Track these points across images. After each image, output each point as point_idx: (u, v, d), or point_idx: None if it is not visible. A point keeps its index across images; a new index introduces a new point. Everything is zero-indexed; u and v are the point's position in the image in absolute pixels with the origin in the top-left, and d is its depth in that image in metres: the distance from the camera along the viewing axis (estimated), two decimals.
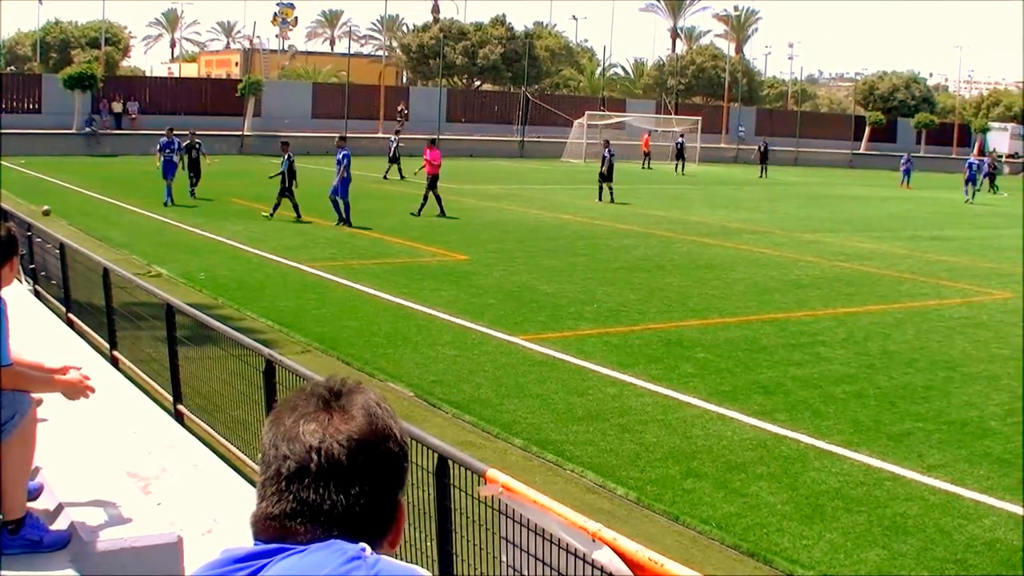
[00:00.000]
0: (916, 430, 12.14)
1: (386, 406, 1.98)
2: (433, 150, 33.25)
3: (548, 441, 11.28)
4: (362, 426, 1.91)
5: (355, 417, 1.92)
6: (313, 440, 1.87)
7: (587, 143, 70.17)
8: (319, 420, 1.90)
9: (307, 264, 22.12)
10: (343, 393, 1.96)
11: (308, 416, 1.91)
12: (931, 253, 28.99)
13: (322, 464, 1.86)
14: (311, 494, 1.87)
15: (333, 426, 1.89)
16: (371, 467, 1.90)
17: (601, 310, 18.51)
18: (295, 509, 1.87)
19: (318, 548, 1.82)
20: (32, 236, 16.83)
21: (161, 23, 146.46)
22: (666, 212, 37.75)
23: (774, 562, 8.52)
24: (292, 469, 1.87)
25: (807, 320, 18.46)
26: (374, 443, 1.92)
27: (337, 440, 1.88)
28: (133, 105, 65.01)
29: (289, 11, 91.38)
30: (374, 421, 1.93)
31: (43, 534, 5.66)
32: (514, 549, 5.55)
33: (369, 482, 1.90)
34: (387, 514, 1.95)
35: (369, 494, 1.90)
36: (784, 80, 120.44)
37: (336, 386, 1.98)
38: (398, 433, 1.97)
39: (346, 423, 1.91)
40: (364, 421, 1.92)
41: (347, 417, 1.92)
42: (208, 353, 10.64)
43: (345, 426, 1.90)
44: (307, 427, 1.89)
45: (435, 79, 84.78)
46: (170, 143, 34.55)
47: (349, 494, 1.87)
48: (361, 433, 1.90)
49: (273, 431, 1.93)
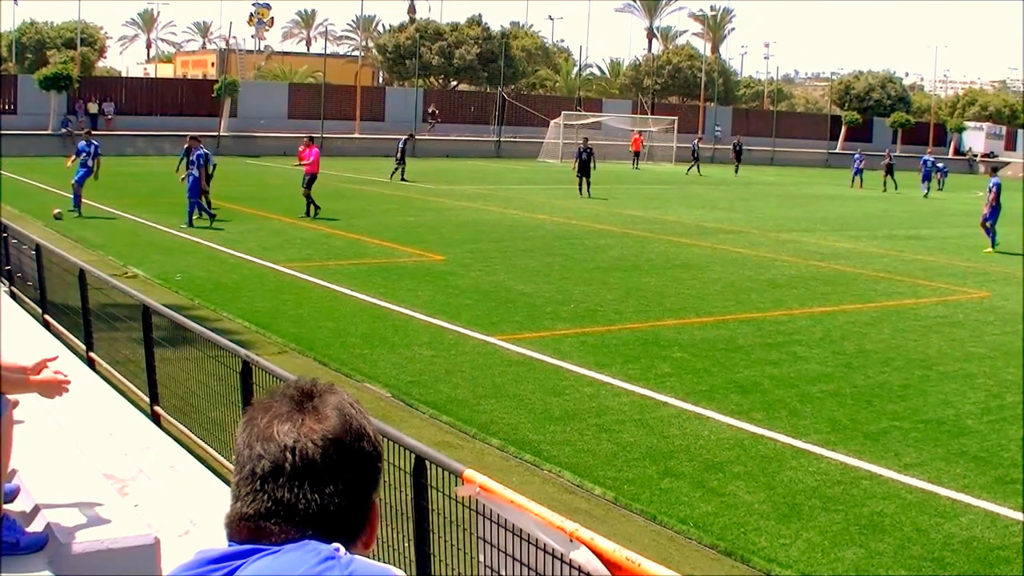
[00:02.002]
0: (893, 429, 12.19)
1: (359, 407, 1.99)
2: (311, 148, 32.26)
3: (525, 441, 11.28)
4: (336, 426, 1.92)
5: (329, 417, 1.93)
6: (288, 440, 1.88)
7: (563, 143, 70.25)
8: (293, 420, 1.91)
9: (283, 265, 22.07)
10: (316, 394, 1.97)
11: (282, 416, 1.92)
12: (907, 252, 29.10)
13: (296, 463, 1.87)
14: (285, 493, 1.87)
15: (307, 426, 1.90)
16: (345, 467, 1.91)
17: (578, 310, 18.52)
18: (270, 509, 1.87)
19: (292, 548, 1.82)
20: (8, 237, 16.76)
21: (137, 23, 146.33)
22: (643, 212, 37.79)
23: (751, 561, 8.54)
24: (267, 469, 1.88)
25: (784, 319, 18.51)
26: (348, 443, 1.93)
27: (311, 440, 1.89)
28: (109, 106, 64.82)
29: (265, 11, 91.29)
30: (348, 421, 1.94)
31: (20, 536, 5.64)
32: (491, 549, 5.55)
33: (343, 482, 1.90)
34: (361, 514, 1.95)
35: (343, 494, 1.90)
36: (760, 80, 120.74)
37: (308, 387, 1.99)
38: (371, 433, 1.98)
39: (320, 423, 1.91)
40: (338, 421, 1.93)
41: (321, 417, 1.92)
42: (185, 354, 10.61)
43: (319, 426, 1.90)
44: (281, 427, 1.90)
45: (411, 79, 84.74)
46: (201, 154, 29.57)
47: (323, 493, 1.88)
48: (335, 433, 1.91)
49: (247, 431, 1.94)
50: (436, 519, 6.10)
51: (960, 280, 24.24)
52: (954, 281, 24.04)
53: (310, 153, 32.04)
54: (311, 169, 31.55)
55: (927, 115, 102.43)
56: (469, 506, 5.75)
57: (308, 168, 31.64)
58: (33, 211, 29.27)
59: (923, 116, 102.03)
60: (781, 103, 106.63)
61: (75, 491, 6.37)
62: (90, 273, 13.22)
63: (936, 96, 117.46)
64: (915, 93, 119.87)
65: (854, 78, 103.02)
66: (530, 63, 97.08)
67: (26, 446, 6.38)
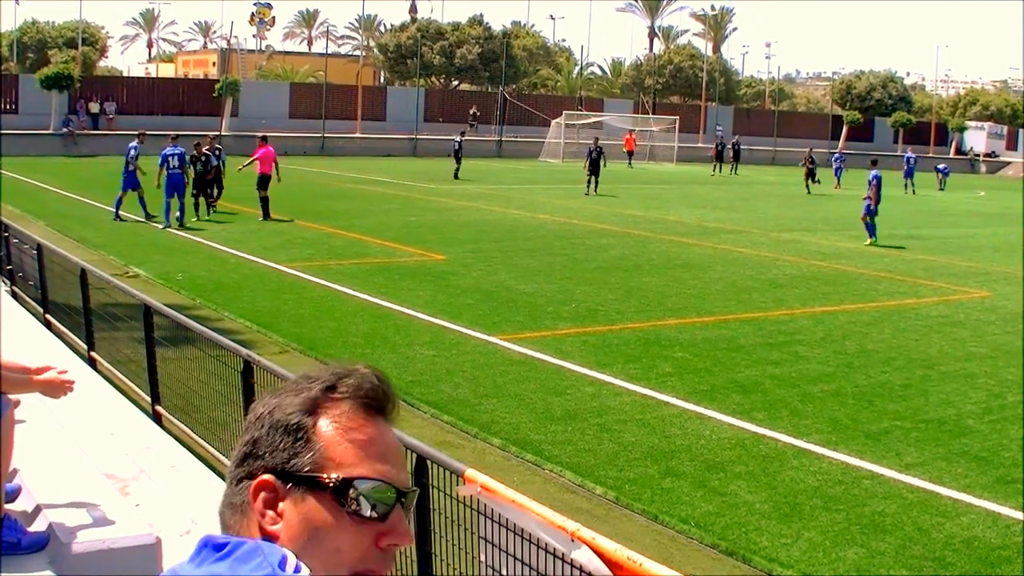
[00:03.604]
0: (894, 428, 12.19)
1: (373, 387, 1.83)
2: (266, 147, 31.11)
3: (526, 441, 11.28)
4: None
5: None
6: (263, 408, 1.81)
7: (565, 143, 70.24)
8: (278, 394, 1.82)
9: (285, 265, 22.07)
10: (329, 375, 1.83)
11: (275, 392, 1.84)
12: (908, 252, 29.10)
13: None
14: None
15: (289, 396, 1.80)
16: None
17: (579, 310, 18.52)
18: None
19: (241, 556, 1.68)
20: (9, 237, 16.76)
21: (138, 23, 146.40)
22: (644, 212, 37.77)
23: (753, 561, 8.54)
24: (243, 445, 1.80)
25: (785, 319, 18.51)
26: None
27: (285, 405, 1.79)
28: (110, 105, 64.76)
29: (266, 11, 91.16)
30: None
31: (21, 536, 5.64)
32: (493, 549, 5.55)
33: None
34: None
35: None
36: (761, 79, 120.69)
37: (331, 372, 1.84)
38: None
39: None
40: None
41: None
42: (186, 354, 10.61)
43: (299, 397, 1.79)
44: (264, 399, 1.83)
45: (413, 79, 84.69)
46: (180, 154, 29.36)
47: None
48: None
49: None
50: (437, 519, 6.10)
51: (961, 280, 24.23)
52: (955, 281, 24.03)
53: (257, 152, 31.15)
54: (264, 169, 30.54)
55: (928, 115, 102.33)
56: (470, 506, 5.75)
57: (259, 168, 30.63)
58: (34, 211, 29.27)
59: (924, 116, 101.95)
60: (782, 103, 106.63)
61: (76, 491, 6.36)
62: (91, 273, 13.22)
63: (937, 96, 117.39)
64: (916, 93, 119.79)
65: (855, 78, 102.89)
66: (531, 63, 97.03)
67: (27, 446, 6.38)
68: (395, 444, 1.81)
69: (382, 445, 1.78)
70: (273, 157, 30.83)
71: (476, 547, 5.77)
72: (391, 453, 1.79)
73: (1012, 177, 75.38)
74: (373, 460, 1.74)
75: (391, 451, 1.79)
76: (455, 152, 50.79)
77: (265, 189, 30.22)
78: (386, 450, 1.78)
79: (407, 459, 6.19)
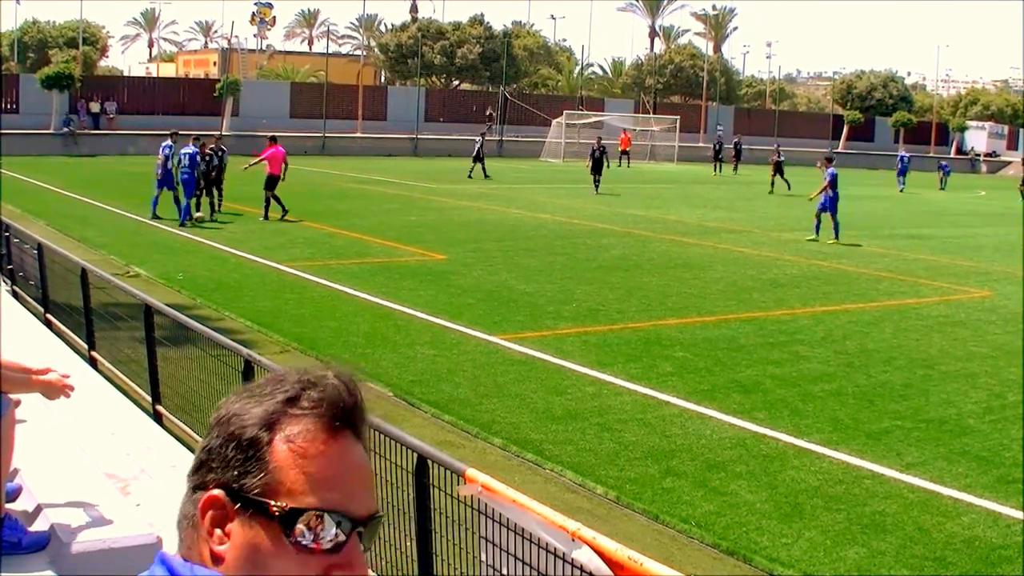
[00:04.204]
0: (895, 428, 12.18)
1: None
2: (275, 147, 31.14)
3: (527, 440, 11.28)
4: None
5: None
6: (225, 411, 1.69)
7: (565, 142, 70.23)
8: (243, 396, 1.70)
9: (286, 264, 22.07)
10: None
11: (242, 392, 1.72)
12: (909, 252, 29.08)
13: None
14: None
15: (251, 404, 1.68)
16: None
17: (580, 309, 18.52)
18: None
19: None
20: (10, 237, 16.76)
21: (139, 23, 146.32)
22: (645, 211, 37.76)
23: (754, 560, 8.54)
24: (201, 450, 1.72)
25: (785, 319, 18.50)
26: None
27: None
28: (111, 105, 64.73)
29: (267, 11, 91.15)
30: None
31: (22, 535, 5.64)
32: (494, 548, 5.55)
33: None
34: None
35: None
36: (762, 79, 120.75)
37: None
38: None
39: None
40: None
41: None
42: (187, 354, 10.60)
43: (260, 407, 1.67)
44: (230, 399, 1.72)
45: (413, 79, 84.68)
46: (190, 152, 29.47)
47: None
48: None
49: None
50: (438, 518, 6.10)
51: (962, 280, 24.22)
52: (956, 281, 24.02)
53: (265, 152, 31.18)
54: (273, 170, 30.53)
55: (929, 115, 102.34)
56: (471, 505, 5.75)
57: (269, 168, 30.62)
58: (35, 210, 29.27)
59: (925, 115, 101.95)
60: (783, 102, 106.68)
61: (77, 490, 6.36)
62: (92, 272, 13.21)
63: (938, 95, 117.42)
64: (917, 93, 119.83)
65: (856, 77, 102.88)
66: (532, 62, 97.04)
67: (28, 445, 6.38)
68: (358, 465, 1.66)
69: (342, 469, 1.63)
70: (283, 157, 30.98)
71: (477, 547, 5.77)
72: (351, 478, 1.64)
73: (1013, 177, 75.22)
74: (328, 488, 1.61)
75: (352, 475, 1.65)
76: (476, 153, 51.41)
77: (272, 189, 30.24)
78: (346, 475, 1.63)
79: (409, 458, 6.20)
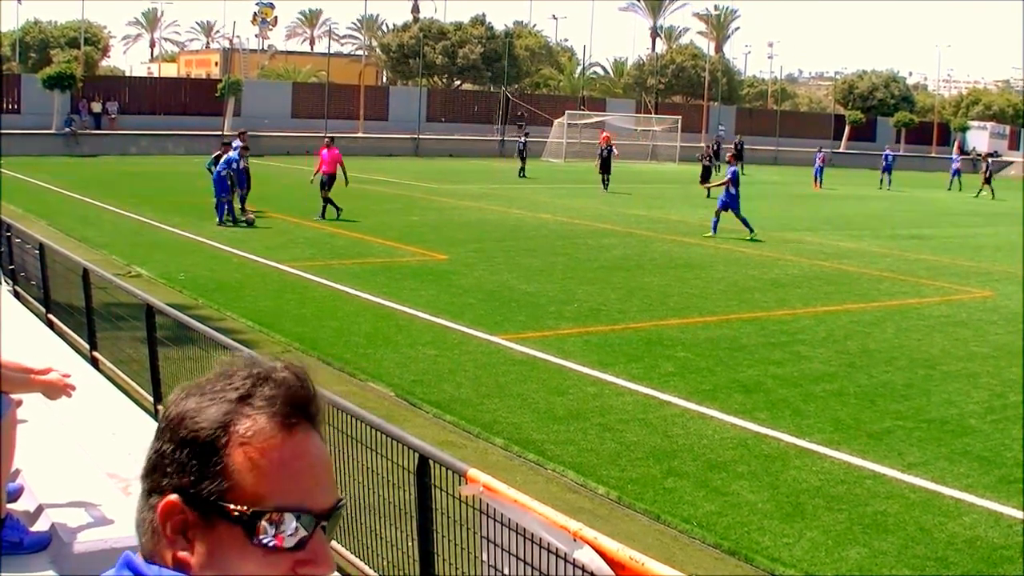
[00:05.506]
0: (896, 428, 12.18)
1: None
2: (331, 149, 31.65)
3: (529, 441, 11.28)
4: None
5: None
6: (175, 410, 1.67)
7: (567, 142, 70.22)
8: (191, 394, 1.70)
9: (287, 264, 22.06)
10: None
11: (190, 389, 1.72)
12: (910, 252, 29.07)
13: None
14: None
15: (203, 403, 1.67)
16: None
17: (581, 309, 18.51)
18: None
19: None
20: (11, 237, 16.76)
21: (140, 23, 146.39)
22: (646, 211, 37.76)
23: (755, 560, 8.54)
24: (152, 452, 1.68)
25: (787, 319, 18.49)
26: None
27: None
28: (112, 105, 64.75)
29: (269, 11, 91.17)
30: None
31: (23, 535, 5.64)
32: (495, 549, 5.55)
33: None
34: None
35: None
36: (764, 79, 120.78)
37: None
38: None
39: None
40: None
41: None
42: (188, 353, 10.59)
43: (212, 407, 1.66)
44: (178, 397, 1.71)
45: (415, 79, 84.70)
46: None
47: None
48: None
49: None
50: (440, 518, 6.10)
51: (963, 280, 24.21)
52: (957, 281, 24.01)
53: (330, 155, 31.63)
54: (328, 170, 31.27)
55: (931, 115, 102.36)
56: (473, 505, 5.75)
57: (325, 170, 31.37)
58: (36, 210, 29.28)
59: (927, 116, 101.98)
60: (785, 103, 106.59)
61: (78, 490, 6.36)
62: (94, 272, 13.20)
63: (940, 96, 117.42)
64: (919, 93, 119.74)
65: (858, 78, 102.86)
66: (534, 62, 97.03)
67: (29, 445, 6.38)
68: (317, 457, 1.64)
69: (301, 465, 1.61)
70: (338, 158, 31.55)
71: (478, 547, 5.77)
72: (311, 472, 1.62)
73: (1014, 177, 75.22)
74: (289, 486, 1.59)
75: (311, 469, 1.63)
76: (520, 152, 54.74)
77: (328, 189, 30.89)
78: (305, 470, 1.61)
79: (410, 458, 6.20)
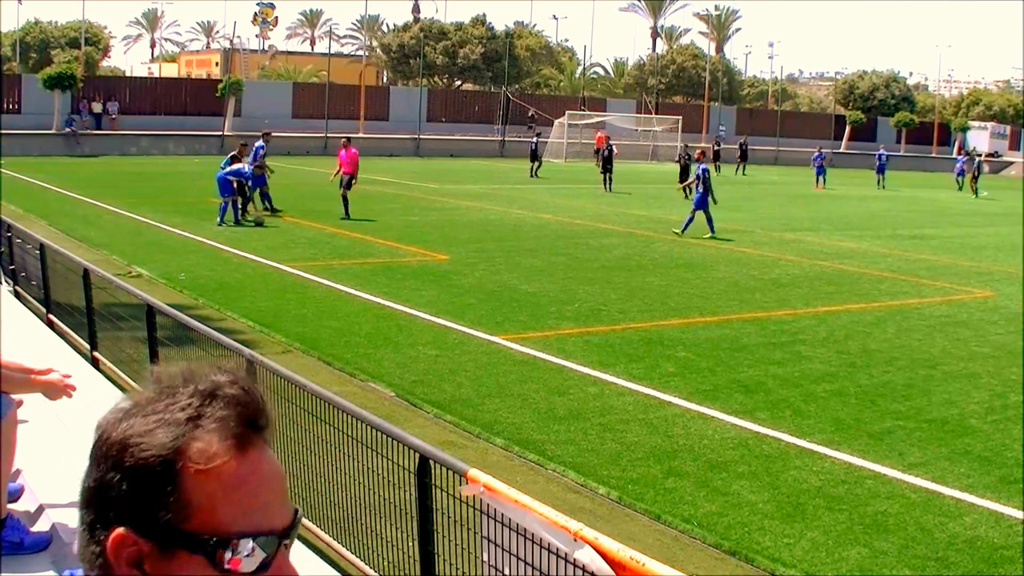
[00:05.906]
0: (897, 428, 12.17)
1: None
2: (348, 149, 32.13)
3: (529, 441, 11.27)
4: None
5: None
6: (115, 434, 1.58)
7: (567, 143, 70.24)
8: (130, 414, 1.58)
9: (287, 264, 22.06)
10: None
11: (125, 410, 1.60)
12: (911, 252, 29.06)
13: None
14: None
15: (150, 427, 1.55)
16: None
17: (582, 309, 18.51)
18: None
19: None
20: (12, 237, 16.76)
21: (141, 23, 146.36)
22: (647, 211, 37.76)
23: (756, 560, 8.53)
24: (91, 480, 1.67)
25: (788, 319, 18.49)
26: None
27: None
28: (113, 105, 64.79)
29: (269, 11, 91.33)
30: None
31: (24, 536, 5.64)
32: (496, 549, 5.55)
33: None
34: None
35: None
36: (764, 79, 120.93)
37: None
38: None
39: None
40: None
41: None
42: (189, 354, 10.58)
43: (161, 430, 1.55)
44: (114, 418, 1.60)
45: (415, 79, 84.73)
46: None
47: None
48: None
49: None
50: (440, 518, 6.10)
51: (964, 280, 24.20)
52: (958, 281, 24.00)
53: (348, 155, 32.03)
54: (348, 170, 31.71)
55: (931, 115, 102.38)
56: (473, 505, 5.75)
57: (345, 170, 31.77)
58: (37, 210, 29.28)
59: (927, 116, 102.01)
60: (785, 103, 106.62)
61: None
62: (94, 272, 13.19)
63: (940, 96, 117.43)
64: (919, 93, 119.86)
65: (858, 78, 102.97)
66: (534, 63, 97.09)
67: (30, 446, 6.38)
68: (272, 474, 1.58)
69: (257, 484, 1.54)
70: (356, 158, 32.09)
71: (479, 547, 5.77)
72: (268, 489, 1.56)
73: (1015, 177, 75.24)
74: (248, 508, 1.52)
75: (268, 487, 1.56)
76: (532, 152, 54.91)
77: (348, 188, 31.32)
78: (263, 489, 1.55)
79: (411, 458, 6.20)
